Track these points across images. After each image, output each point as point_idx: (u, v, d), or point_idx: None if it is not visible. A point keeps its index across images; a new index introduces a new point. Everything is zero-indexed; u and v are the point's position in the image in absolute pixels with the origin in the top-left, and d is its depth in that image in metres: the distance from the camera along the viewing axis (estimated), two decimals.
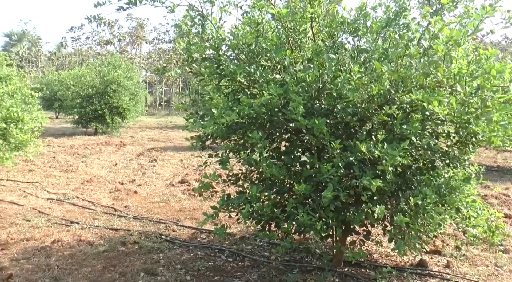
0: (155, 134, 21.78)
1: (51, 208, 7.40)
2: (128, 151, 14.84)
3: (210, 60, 4.52)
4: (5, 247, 5.39)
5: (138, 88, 22.82)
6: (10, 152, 9.23)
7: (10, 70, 9.91)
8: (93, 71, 21.33)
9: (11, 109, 8.83)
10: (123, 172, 10.92)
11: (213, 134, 4.49)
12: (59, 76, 30.87)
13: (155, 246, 5.44)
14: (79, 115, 20.54)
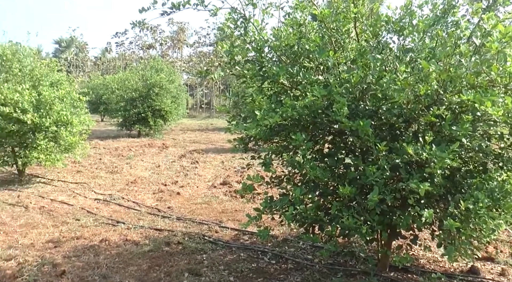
0: (196, 136, 22.06)
1: (98, 208, 7.62)
2: (171, 153, 15.10)
3: (253, 62, 4.53)
4: (57, 244, 5.61)
5: (179, 91, 23.21)
6: (60, 153, 9.59)
7: (61, 75, 10.29)
8: (136, 75, 21.88)
9: (61, 113, 9.18)
10: (166, 173, 11.12)
11: (256, 136, 4.48)
12: (104, 81, 31.90)
13: (199, 246, 5.50)
14: (123, 118, 21.10)
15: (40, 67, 9.94)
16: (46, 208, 7.53)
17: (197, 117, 41.40)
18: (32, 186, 9.45)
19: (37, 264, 4.88)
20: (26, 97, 8.82)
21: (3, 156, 9.63)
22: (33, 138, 9.08)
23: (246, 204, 7.65)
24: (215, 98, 50.82)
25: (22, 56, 9.97)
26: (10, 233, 6.17)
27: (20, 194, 8.61)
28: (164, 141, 18.89)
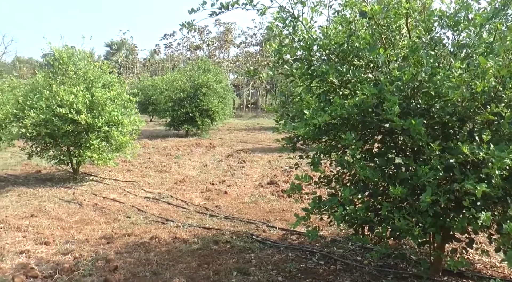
0: (243, 136, 22.21)
1: (148, 206, 7.81)
2: (218, 152, 15.27)
3: (301, 61, 4.49)
4: (110, 240, 5.79)
5: (226, 91, 23.44)
6: (112, 153, 9.91)
7: (112, 77, 10.63)
8: (184, 75, 22.29)
9: (112, 113, 9.48)
10: (213, 172, 11.25)
11: (304, 135, 4.43)
12: (153, 82, 32.68)
13: (247, 246, 5.52)
14: (171, 118, 21.56)
15: (93, 70, 10.31)
16: (99, 205, 7.80)
17: (244, 117, 41.68)
18: (85, 184, 9.82)
19: (92, 259, 5.07)
20: (80, 99, 9.17)
21: (59, 154, 10.07)
22: (87, 138, 9.43)
23: (294, 204, 7.63)
24: (261, 98, 50.96)
25: (77, 60, 10.38)
26: (66, 228, 6.44)
27: (75, 191, 8.96)
28: (211, 141, 19.14)
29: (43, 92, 9.51)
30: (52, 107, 9.09)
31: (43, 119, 9.12)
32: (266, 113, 44.05)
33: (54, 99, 9.19)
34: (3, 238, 5.95)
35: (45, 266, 4.91)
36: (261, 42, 49.39)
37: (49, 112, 9.11)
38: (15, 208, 7.57)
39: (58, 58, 10.07)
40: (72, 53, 10.41)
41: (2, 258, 5.18)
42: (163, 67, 57.90)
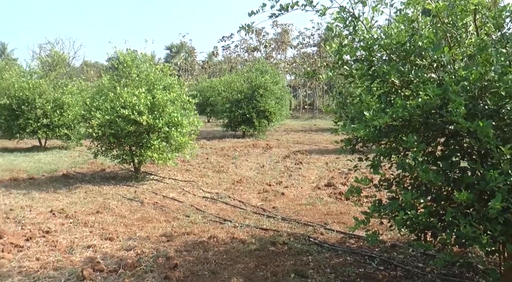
0: (299, 137, 22.13)
1: (206, 206, 7.95)
2: (274, 153, 15.30)
3: (362, 62, 4.40)
4: (170, 238, 5.95)
5: (283, 92, 23.50)
6: (171, 153, 10.18)
7: (173, 79, 10.93)
8: (241, 77, 22.54)
9: (172, 114, 9.74)
10: (270, 173, 11.28)
11: (364, 137, 4.34)
12: (211, 83, 33.30)
13: (304, 248, 5.49)
14: (228, 119, 21.88)
15: (155, 72, 10.64)
16: (159, 204, 8.04)
17: (300, 118, 41.56)
18: (146, 183, 10.15)
19: (153, 256, 5.22)
20: (142, 100, 9.49)
21: (122, 154, 10.48)
22: (148, 138, 9.75)
23: (352, 207, 7.50)
24: (318, 99, 50.58)
25: (139, 63, 10.77)
26: (129, 225, 6.68)
27: (136, 190, 9.29)
28: (268, 142, 19.21)
29: (108, 94, 9.94)
30: (116, 109, 9.48)
31: (108, 120, 9.53)
32: (323, 115, 43.68)
33: (118, 101, 9.58)
34: (73, 232, 6.29)
35: (110, 260, 5.12)
36: (319, 43, 49.03)
37: (113, 113, 9.51)
38: (83, 204, 7.96)
39: (122, 61, 10.49)
40: (135, 56, 10.82)
41: (72, 251, 5.47)
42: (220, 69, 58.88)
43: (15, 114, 15.90)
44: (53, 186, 9.64)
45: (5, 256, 5.21)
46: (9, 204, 7.98)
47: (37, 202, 8.12)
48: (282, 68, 49.91)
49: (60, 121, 15.97)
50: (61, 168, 12.10)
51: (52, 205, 7.88)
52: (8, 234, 6.03)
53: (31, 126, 15.76)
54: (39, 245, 5.72)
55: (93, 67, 66.33)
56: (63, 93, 16.37)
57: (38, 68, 18.31)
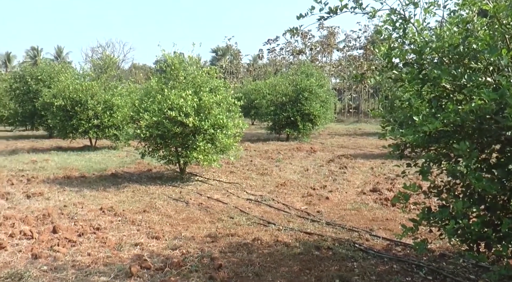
0: (344, 141, 21.86)
1: (250, 208, 7.98)
2: (319, 157, 15.18)
3: (412, 65, 4.29)
4: (214, 239, 6.02)
5: (328, 95, 23.30)
6: (216, 154, 10.29)
7: (219, 82, 11.06)
8: (286, 80, 22.52)
9: (218, 116, 9.85)
10: (314, 177, 11.19)
11: (413, 142, 4.23)
12: (256, 86, 33.46)
13: (349, 254, 5.40)
14: (273, 122, 21.91)
15: (201, 75, 10.80)
16: (203, 205, 8.14)
17: (345, 122, 41.03)
18: (191, 184, 10.31)
19: (198, 256, 5.29)
20: (189, 102, 9.66)
21: (168, 155, 10.70)
22: (194, 140, 9.90)
23: (398, 213, 7.32)
24: (363, 103, 49.82)
25: (187, 65, 10.97)
26: (174, 225, 6.81)
27: (182, 190, 9.45)
28: (312, 145, 19.09)
29: (156, 96, 10.17)
30: (164, 110, 9.69)
31: (155, 121, 9.76)
32: (368, 119, 42.95)
33: (166, 102, 9.78)
34: (121, 230, 6.48)
35: (156, 259, 5.23)
36: (365, 45, 48.29)
37: (161, 115, 9.73)
38: (130, 203, 8.19)
39: (170, 64, 10.72)
40: (182, 59, 11.03)
41: (120, 248, 5.64)
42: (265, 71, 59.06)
43: (69, 115, 16.60)
44: (102, 185, 9.98)
45: (60, 250, 5.45)
46: (63, 200, 8.33)
47: (88, 200, 8.43)
48: (327, 71, 49.48)
49: (109, 122, 16.52)
50: (110, 167, 12.50)
51: (102, 203, 8.16)
52: (62, 229, 6.32)
53: (83, 127, 16.40)
54: (90, 241, 5.93)
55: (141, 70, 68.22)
56: (113, 95, 16.91)
57: (91, 70, 19.01)
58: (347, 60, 49.95)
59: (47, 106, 17.65)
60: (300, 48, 54.75)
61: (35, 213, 7.28)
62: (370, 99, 50.73)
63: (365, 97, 50.52)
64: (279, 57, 59.81)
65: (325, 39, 53.52)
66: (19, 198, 8.53)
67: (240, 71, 66.29)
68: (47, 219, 6.94)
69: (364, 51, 48.67)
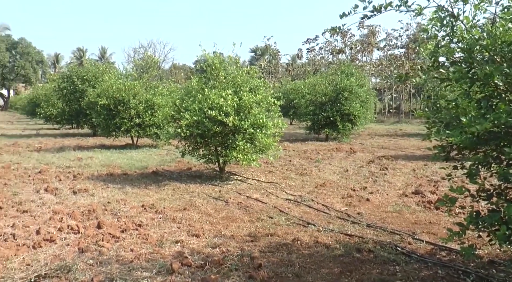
0: (384, 141, 21.44)
1: (289, 208, 7.94)
2: (358, 158, 14.96)
3: (460, 64, 4.15)
4: (254, 239, 6.02)
5: (368, 95, 22.94)
6: (255, 154, 10.30)
7: (259, 81, 11.06)
8: (326, 79, 22.31)
9: (258, 116, 9.85)
10: (354, 178, 11.03)
11: (460, 144, 4.09)
12: (295, 86, 33.36)
13: (391, 257, 5.28)
14: (312, 121, 21.75)
15: (241, 75, 10.84)
16: (242, 204, 8.16)
17: (385, 122, 40.29)
18: (230, 183, 10.36)
19: (237, 255, 5.31)
20: (229, 102, 9.70)
21: (208, 154, 10.80)
22: (233, 139, 9.94)
23: (442, 217, 7.11)
24: (404, 103, 48.74)
25: (227, 65, 11.04)
26: (214, 223, 6.86)
27: (221, 189, 9.51)
28: (352, 145, 18.84)
29: (196, 95, 10.29)
30: (204, 110, 9.78)
31: (196, 120, 9.86)
32: (409, 119, 42.02)
33: (206, 102, 9.87)
34: (162, 227, 6.58)
35: (197, 256, 5.28)
36: (407, 44, 47.22)
37: (201, 114, 9.82)
38: (171, 201, 8.32)
39: (210, 64, 10.81)
40: (222, 59, 11.10)
41: (161, 245, 5.73)
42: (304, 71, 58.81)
43: (112, 114, 17.06)
44: (144, 182, 10.18)
45: (104, 245, 5.61)
46: (107, 197, 8.55)
47: (130, 197, 8.62)
48: (367, 70, 48.70)
49: (150, 121, 16.85)
50: (151, 165, 12.74)
51: (143, 200, 8.32)
52: (106, 224, 6.49)
53: (125, 125, 16.80)
54: (132, 237, 6.06)
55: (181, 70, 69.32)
56: (154, 95, 17.24)
57: (133, 71, 19.45)
58: (388, 59, 48.96)
59: (91, 105, 18.21)
60: (340, 47, 54.15)
61: (81, 209, 7.52)
62: (411, 99, 49.57)
63: (406, 97, 49.40)
64: (318, 57, 59.40)
65: (366, 38, 52.71)
66: (66, 193, 8.83)
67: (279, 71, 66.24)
68: (92, 215, 7.14)
69: (405, 50, 47.63)
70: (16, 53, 73.97)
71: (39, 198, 8.34)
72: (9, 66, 72.72)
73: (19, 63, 72.79)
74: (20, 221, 6.74)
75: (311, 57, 60.39)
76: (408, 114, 45.61)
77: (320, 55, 59.17)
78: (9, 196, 8.51)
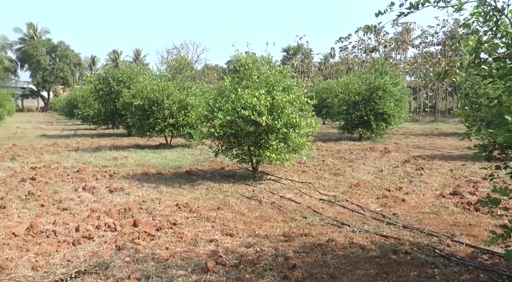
0: (419, 141, 20.98)
1: (323, 208, 7.86)
2: (393, 158, 14.68)
3: (504, 60, 4.00)
4: (288, 239, 5.98)
5: (403, 94, 22.51)
6: (289, 153, 10.25)
7: (292, 81, 11.01)
8: (359, 78, 22.02)
9: (291, 115, 9.80)
10: (389, 178, 10.83)
11: (503, 143, 3.94)
12: (328, 85, 33.09)
13: (429, 259, 5.14)
14: (345, 121, 21.52)
15: (274, 74, 10.81)
16: (276, 204, 8.13)
17: (420, 122, 39.44)
18: (263, 182, 10.35)
19: (272, 255, 5.28)
20: (262, 102, 9.69)
21: (241, 154, 10.83)
22: (266, 139, 9.92)
23: (483, 218, 6.88)
24: (440, 101, 47.58)
25: (260, 65, 11.03)
26: (248, 223, 6.86)
27: (254, 189, 9.51)
28: (386, 145, 18.53)
29: (230, 95, 10.32)
30: (237, 109, 9.81)
31: (229, 120, 9.90)
32: (445, 118, 41.00)
33: (239, 102, 9.89)
34: (196, 226, 6.64)
35: (231, 256, 5.29)
36: (443, 41, 46.05)
37: (234, 114, 9.85)
38: (204, 200, 8.37)
39: (243, 64, 10.82)
40: (255, 59, 11.10)
41: (196, 243, 5.78)
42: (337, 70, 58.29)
43: (146, 114, 17.34)
44: (177, 182, 10.29)
45: (140, 243, 5.70)
46: (142, 196, 8.70)
47: (165, 196, 8.73)
48: (401, 68, 47.79)
49: (184, 121, 17.03)
50: (185, 165, 12.88)
51: (178, 199, 8.41)
52: (142, 223, 6.60)
53: (159, 125, 17.04)
54: (167, 235, 6.13)
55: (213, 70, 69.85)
56: (187, 95, 17.42)
57: (166, 71, 19.71)
58: (423, 57, 47.87)
59: (126, 106, 18.57)
60: (373, 45, 53.36)
61: (117, 207, 7.67)
62: (447, 97, 48.33)
63: (443, 95, 48.19)
64: (351, 55, 58.74)
65: (400, 35, 51.73)
66: (103, 192, 9.03)
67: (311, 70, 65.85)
68: (128, 213, 7.27)
69: (442, 48, 46.44)
70: (55, 56, 76.67)
71: (78, 196, 8.55)
72: (49, 69, 75.35)
73: (58, 66, 75.35)
74: (61, 219, 6.94)
75: (344, 56, 59.79)
76: (444, 113, 44.51)
77: (353, 54, 58.54)
78: (50, 194, 8.77)
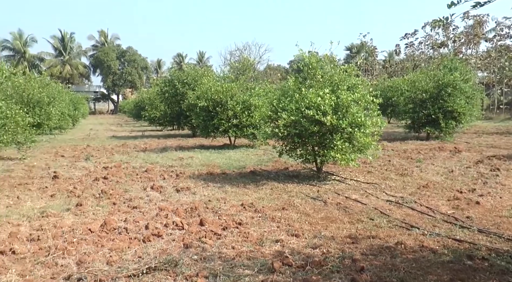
0: (494, 140, 19.84)
1: (390, 210, 7.64)
2: (464, 158, 13.99)
3: None
4: (355, 241, 5.87)
5: (474, 90, 21.46)
6: (354, 153, 10.05)
7: (357, 80, 10.80)
8: (427, 75, 21.21)
9: (356, 115, 9.61)
10: (461, 179, 10.32)
11: None
12: (393, 83, 32.18)
13: (510, 267, 4.82)
14: (411, 120, 20.84)
15: (339, 73, 10.64)
16: (341, 205, 8.00)
17: (494, 119, 37.30)
18: (328, 183, 10.22)
19: (338, 257, 5.20)
20: (327, 101, 9.57)
21: (305, 154, 10.77)
22: (331, 138, 9.80)
23: None
24: None
25: (323, 64, 10.91)
26: (313, 223, 6.80)
27: (319, 189, 9.42)
28: (456, 144, 17.70)
29: (293, 95, 10.30)
30: (301, 109, 9.76)
31: (293, 120, 9.88)
32: None
33: (303, 101, 9.84)
34: (261, 226, 6.67)
35: (297, 256, 5.26)
36: None
37: (298, 114, 9.81)
38: (269, 200, 8.40)
39: (307, 63, 10.75)
40: (319, 58, 10.99)
41: (262, 243, 5.81)
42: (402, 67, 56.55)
43: (210, 115, 17.72)
44: (242, 182, 10.41)
45: (207, 242, 5.82)
46: (207, 195, 8.88)
47: (230, 195, 8.86)
48: (473, 64, 45.41)
49: (247, 122, 17.20)
50: (249, 165, 13.00)
51: (242, 199, 8.50)
52: (208, 222, 6.74)
53: (223, 126, 17.34)
54: (233, 234, 6.21)
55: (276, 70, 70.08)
56: (250, 96, 17.57)
57: (229, 73, 20.02)
58: (498, 51, 45.15)
59: (191, 107, 19.07)
60: (441, 40, 51.15)
61: (184, 206, 7.88)
62: None
63: None
64: (418, 52, 56.66)
65: (471, 29, 49.16)
66: (170, 191, 9.32)
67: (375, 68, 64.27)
68: (194, 212, 7.44)
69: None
70: (124, 61, 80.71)
71: (146, 195, 8.88)
72: (118, 73, 79.40)
73: (127, 70, 79.22)
74: (131, 216, 7.23)
75: (409, 53, 57.80)
76: None
77: (419, 50, 56.44)
78: (121, 192, 9.17)
